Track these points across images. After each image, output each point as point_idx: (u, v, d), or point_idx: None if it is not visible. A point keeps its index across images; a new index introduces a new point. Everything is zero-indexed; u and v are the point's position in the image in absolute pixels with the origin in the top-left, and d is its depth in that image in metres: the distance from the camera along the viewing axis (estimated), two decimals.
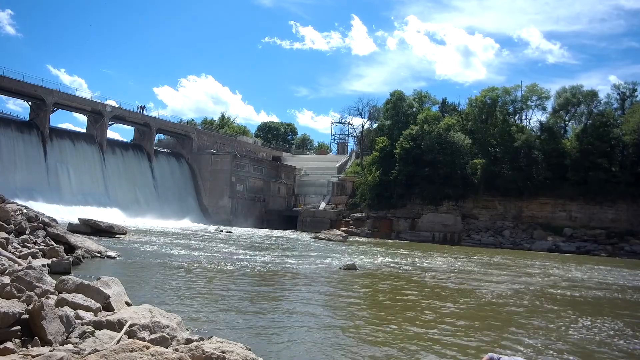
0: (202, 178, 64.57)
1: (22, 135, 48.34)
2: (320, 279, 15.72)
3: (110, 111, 56.82)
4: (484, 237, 53.69)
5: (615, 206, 52.57)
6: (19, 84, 48.45)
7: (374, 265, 21.06)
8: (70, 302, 6.10)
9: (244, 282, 13.39)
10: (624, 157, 54.88)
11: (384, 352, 7.10)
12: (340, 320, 9.30)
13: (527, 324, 9.95)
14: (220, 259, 18.38)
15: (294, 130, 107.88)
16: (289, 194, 71.85)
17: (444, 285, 15.62)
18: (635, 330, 9.90)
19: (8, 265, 8.23)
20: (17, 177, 45.83)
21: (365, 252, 29.65)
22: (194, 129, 69.94)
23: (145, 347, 4.24)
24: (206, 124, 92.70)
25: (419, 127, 60.76)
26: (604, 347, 8.40)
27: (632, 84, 59.74)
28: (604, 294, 16.11)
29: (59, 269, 11.16)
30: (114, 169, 56.01)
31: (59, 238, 15.37)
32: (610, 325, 10.30)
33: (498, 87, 64.31)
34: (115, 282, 7.82)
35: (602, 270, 26.73)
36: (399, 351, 7.21)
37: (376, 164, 63.94)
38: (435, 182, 57.60)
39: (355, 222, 59.74)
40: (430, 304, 11.55)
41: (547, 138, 58.58)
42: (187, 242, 26.19)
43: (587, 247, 48.71)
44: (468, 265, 24.39)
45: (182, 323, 6.47)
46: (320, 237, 42.31)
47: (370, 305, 11.17)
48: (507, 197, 56.99)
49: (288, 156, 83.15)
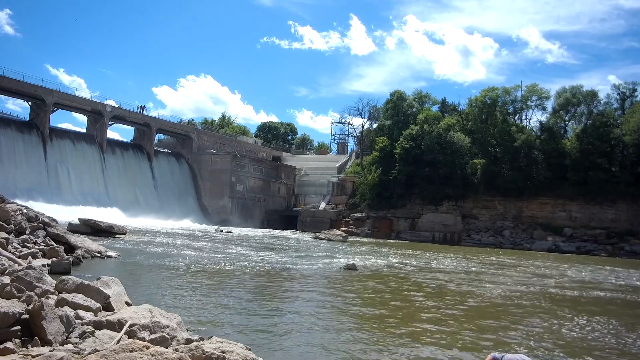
0: (202, 178, 64.55)
1: (22, 135, 48.32)
2: (320, 279, 15.72)
3: (111, 111, 56.80)
4: (484, 237, 53.68)
5: (615, 206, 52.55)
6: (19, 84, 48.42)
7: (374, 265, 21.05)
8: (70, 302, 6.10)
9: (244, 282, 13.38)
10: (624, 157, 54.86)
11: (385, 352, 7.10)
12: (341, 320, 9.30)
13: (528, 325, 9.94)
14: (220, 259, 18.38)
15: (294, 130, 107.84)
16: (289, 194, 71.81)
17: (444, 285, 15.62)
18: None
19: (8, 265, 8.23)
20: (17, 177, 45.80)
21: (365, 252, 29.64)
22: (194, 129, 69.89)
23: (145, 347, 4.24)
24: (206, 124, 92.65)
25: (419, 127, 60.75)
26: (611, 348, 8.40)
27: (632, 84, 59.79)
28: (621, 295, 16.11)
29: (59, 269, 11.18)
30: (114, 169, 55.98)
31: (59, 238, 15.38)
32: (624, 327, 10.30)
33: (498, 87, 64.35)
34: (115, 282, 7.82)
35: (616, 272, 26.44)
36: (399, 351, 7.21)
37: (376, 164, 63.93)
38: (435, 182, 57.60)
39: (355, 222, 59.74)
40: (430, 304, 11.55)
41: (547, 138, 58.57)
42: (187, 242, 26.18)
43: (587, 247, 48.68)
44: (468, 265, 24.38)
45: (182, 323, 6.47)
46: (320, 237, 42.31)
47: (370, 306, 11.17)
48: (507, 197, 56.98)
49: (288, 156, 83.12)
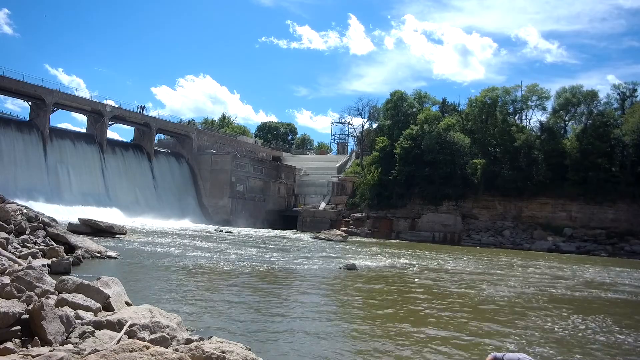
0: (202, 178, 64.53)
1: (22, 135, 48.31)
2: (320, 279, 15.73)
3: (111, 111, 56.77)
4: (484, 237, 53.67)
5: (615, 206, 52.55)
6: (19, 84, 48.41)
7: (374, 265, 21.06)
8: (70, 302, 6.10)
9: (244, 282, 13.38)
10: (624, 157, 54.84)
11: (385, 352, 7.10)
12: (341, 320, 9.30)
13: (529, 325, 9.94)
14: (220, 259, 18.39)
15: (294, 130, 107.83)
16: (289, 194, 71.79)
17: (444, 285, 15.62)
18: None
19: (8, 265, 8.24)
20: (17, 177, 45.77)
21: (365, 252, 29.65)
22: (194, 129, 69.86)
23: (145, 347, 4.24)
24: (206, 124, 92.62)
25: (419, 127, 60.71)
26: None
27: (632, 84, 59.85)
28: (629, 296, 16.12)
29: (59, 269, 11.18)
30: (114, 169, 55.96)
31: (59, 238, 15.38)
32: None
33: (498, 87, 64.31)
34: (115, 282, 7.82)
35: (627, 272, 26.27)
36: (399, 351, 7.21)
37: (376, 164, 63.92)
38: (435, 182, 57.59)
39: (355, 222, 59.73)
40: (431, 304, 11.54)
41: (547, 138, 58.57)
42: (187, 242, 26.18)
43: (587, 247, 48.68)
44: (469, 265, 24.38)
45: (182, 323, 6.47)
46: (320, 237, 42.31)
47: (370, 305, 11.17)
48: (507, 197, 56.98)
49: (288, 156, 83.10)
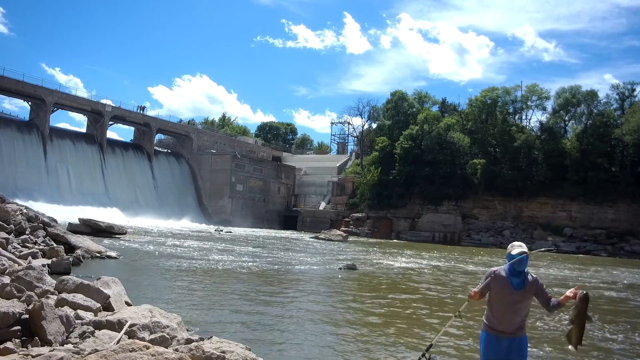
0: (202, 178, 64.53)
1: (22, 135, 48.31)
2: (320, 279, 15.73)
3: (110, 111, 56.75)
4: (484, 237, 53.68)
5: (615, 206, 52.58)
6: (19, 84, 48.42)
7: (374, 265, 21.05)
8: (70, 302, 6.10)
9: (244, 282, 13.38)
10: (624, 157, 54.89)
11: (385, 352, 7.10)
12: (341, 320, 9.30)
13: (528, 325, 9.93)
14: (220, 259, 18.39)
15: (294, 130, 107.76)
16: (289, 194, 71.78)
17: (445, 285, 15.62)
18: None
19: (8, 265, 8.24)
20: (17, 177, 45.80)
21: (365, 252, 29.66)
22: (194, 129, 69.85)
23: (145, 347, 4.24)
24: (206, 124, 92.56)
25: (419, 127, 60.73)
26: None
27: (630, 84, 59.90)
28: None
29: (59, 269, 11.17)
30: (113, 169, 55.96)
31: (59, 238, 15.38)
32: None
33: (498, 87, 64.44)
34: (115, 282, 7.82)
35: (634, 272, 26.29)
36: (400, 351, 7.21)
37: (376, 163, 63.93)
38: (435, 182, 57.59)
39: (355, 222, 59.74)
40: (431, 304, 11.55)
41: (547, 138, 58.59)
42: (187, 242, 26.18)
43: (587, 247, 48.71)
44: (469, 265, 24.39)
45: (182, 323, 6.47)
46: (320, 237, 42.30)
47: (370, 306, 11.16)
48: (507, 197, 57.00)
49: (288, 156, 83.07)
